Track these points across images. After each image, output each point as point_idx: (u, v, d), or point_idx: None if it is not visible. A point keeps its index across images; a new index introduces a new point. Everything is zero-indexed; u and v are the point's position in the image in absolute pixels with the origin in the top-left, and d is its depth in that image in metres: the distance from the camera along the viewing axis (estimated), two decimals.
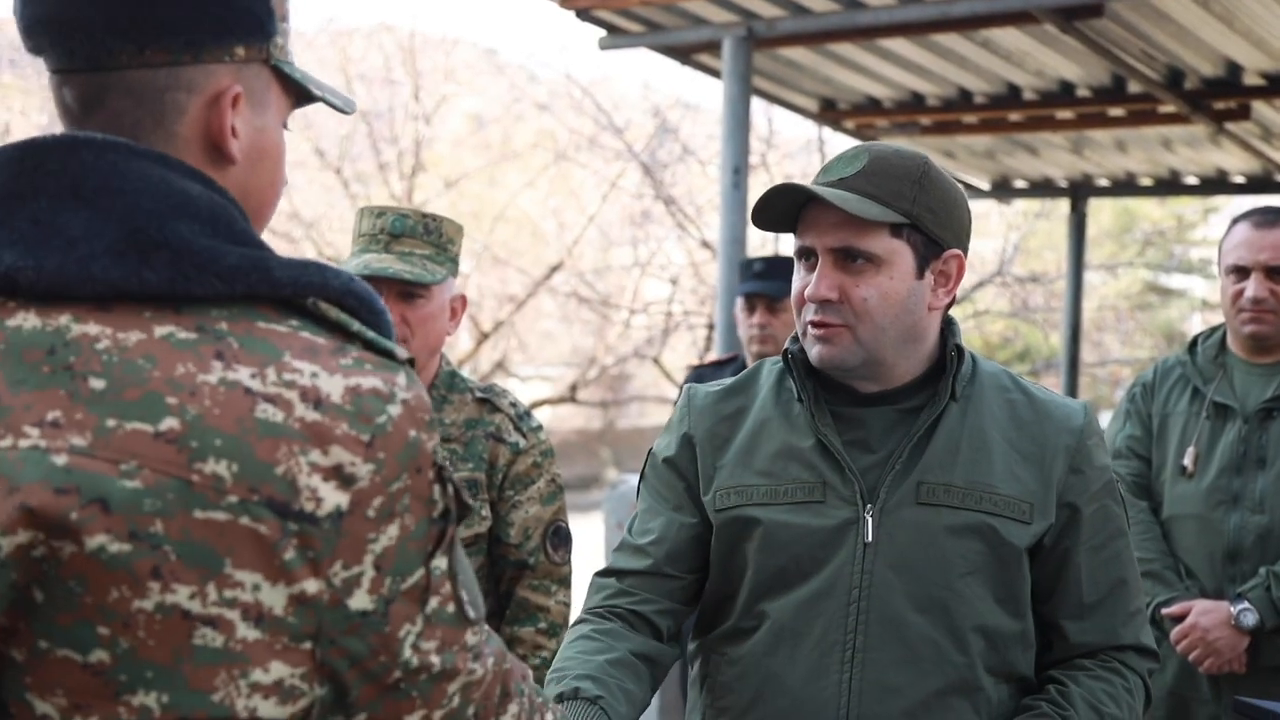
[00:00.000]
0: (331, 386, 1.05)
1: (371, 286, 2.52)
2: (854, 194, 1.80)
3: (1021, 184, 9.62)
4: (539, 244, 16.08)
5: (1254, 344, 3.11)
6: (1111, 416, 3.34)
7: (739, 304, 4.22)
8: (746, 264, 4.30)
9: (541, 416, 11.84)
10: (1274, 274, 3.04)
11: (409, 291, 2.50)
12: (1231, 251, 3.09)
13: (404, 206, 2.63)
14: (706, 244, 12.78)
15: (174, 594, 1.00)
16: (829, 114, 7.43)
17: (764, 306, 4.08)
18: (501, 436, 2.60)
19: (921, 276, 1.84)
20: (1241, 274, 3.08)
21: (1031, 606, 1.87)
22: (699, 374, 4.40)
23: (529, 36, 50.50)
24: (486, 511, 2.57)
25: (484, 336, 13.81)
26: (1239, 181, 9.05)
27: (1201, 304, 19.61)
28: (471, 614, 1.14)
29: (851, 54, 6.28)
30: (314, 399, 1.04)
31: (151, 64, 1.14)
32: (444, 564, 1.11)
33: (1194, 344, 3.28)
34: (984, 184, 9.52)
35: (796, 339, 1.92)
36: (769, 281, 4.09)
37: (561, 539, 2.65)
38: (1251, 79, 6.39)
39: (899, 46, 6.08)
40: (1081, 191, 9.60)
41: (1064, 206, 10.76)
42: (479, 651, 1.15)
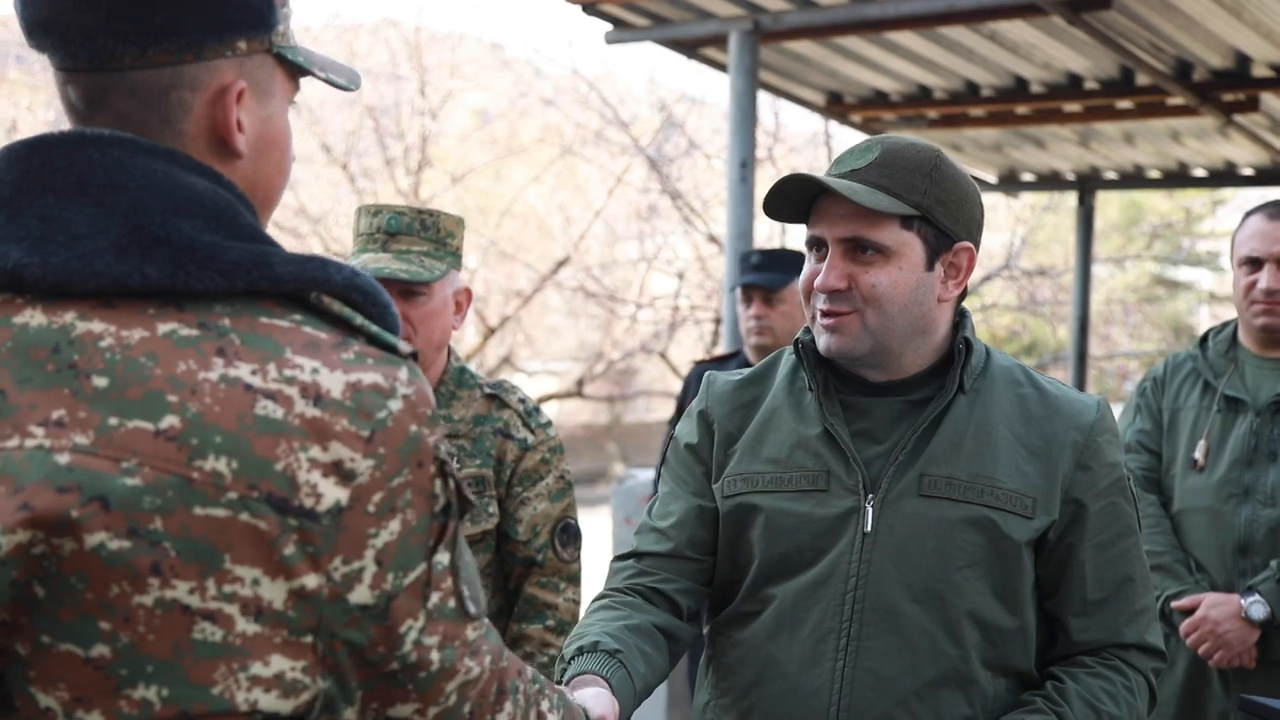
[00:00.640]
0: (332, 382, 1.06)
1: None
2: (865, 185, 1.81)
3: (1029, 177, 9.60)
4: (545, 239, 16.07)
5: (1266, 336, 3.10)
6: (1121, 411, 3.33)
7: (737, 296, 4.22)
8: (744, 256, 4.30)
9: (548, 411, 11.84)
10: None
11: (409, 290, 2.49)
12: (1245, 243, 3.09)
13: (399, 204, 2.61)
14: (713, 238, 12.77)
15: (173, 589, 1.01)
16: (836, 108, 7.42)
17: (761, 298, 4.06)
18: (510, 433, 2.60)
19: (931, 268, 1.86)
20: (1255, 265, 3.07)
21: (1038, 602, 1.88)
22: (702, 369, 4.39)
23: (535, 31, 50.56)
24: (494, 508, 2.56)
25: (490, 331, 13.81)
26: (1248, 174, 9.02)
27: (1209, 297, 19.58)
28: (472, 609, 1.15)
29: (858, 47, 6.27)
30: (314, 395, 1.05)
31: (154, 64, 1.14)
32: (446, 559, 1.12)
33: (1205, 338, 3.28)
34: (991, 177, 9.50)
35: (809, 329, 1.93)
36: (766, 274, 4.08)
37: (570, 536, 2.64)
38: (1260, 71, 6.37)
39: (906, 40, 6.07)
40: (1089, 184, 9.57)
41: (1071, 199, 10.73)
42: (477, 648, 1.16)
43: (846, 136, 13.32)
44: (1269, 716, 2.16)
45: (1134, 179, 9.52)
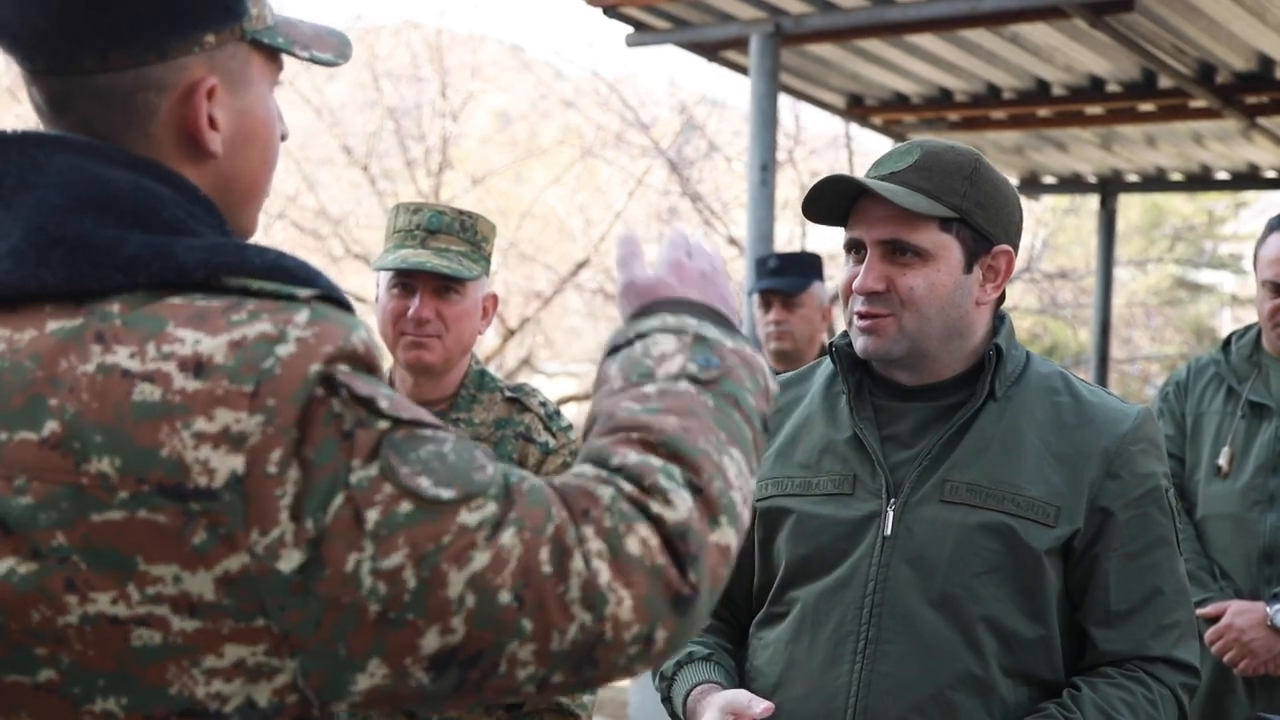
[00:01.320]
0: (214, 348, 0.98)
1: (396, 279, 2.53)
2: (904, 188, 1.81)
3: (1050, 180, 9.56)
4: (565, 240, 16.07)
5: None
6: None
7: (755, 301, 4.16)
8: (760, 261, 4.26)
9: (568, 413, 11.83)
10: None
11: (445, 286, 2.51)
12: (1269, 267, 3.07)
13: (440, 203, 2.63)
14: (733, 241, 12.74)
15: (94, 603, 0.97)
16: (856, 110, 7.40)
17: (780, 303, 4.00)
18: (531, 436, 2.60)
19: (969, 271, 1.86)
20: (1277, 290, 3.05)
21: (1068, 613, 1.86)
22: None
23: (556, 33, 50.61)
24: None
25: (510, 333, 13.82)
26: (1271, 176, 8.96)
27: (1231, 300, 19.45)
28: (447, 494, 0.98)
29: (879, 50, 6.25)
30: (193, 366, 0.98)
31: (117, 67, 1.08)
32: (373, 469, 0.97)
33: (1228, 342, 3.26)
34: (1013, 180, 9.44)
35: (845, 334, 1.94)
36: (784, 278, 4.02)
37: None
38: None
39: (927, 42, 6.06)
40: (1111, 187, 9.52)
41: (1093, 202, 10.68)
42: (473, 540, 0.97)
43: (867, 139, 13.30)
44: None
45: (1156, 182, 9.46)
